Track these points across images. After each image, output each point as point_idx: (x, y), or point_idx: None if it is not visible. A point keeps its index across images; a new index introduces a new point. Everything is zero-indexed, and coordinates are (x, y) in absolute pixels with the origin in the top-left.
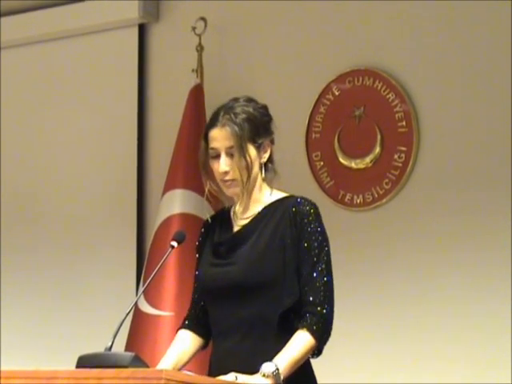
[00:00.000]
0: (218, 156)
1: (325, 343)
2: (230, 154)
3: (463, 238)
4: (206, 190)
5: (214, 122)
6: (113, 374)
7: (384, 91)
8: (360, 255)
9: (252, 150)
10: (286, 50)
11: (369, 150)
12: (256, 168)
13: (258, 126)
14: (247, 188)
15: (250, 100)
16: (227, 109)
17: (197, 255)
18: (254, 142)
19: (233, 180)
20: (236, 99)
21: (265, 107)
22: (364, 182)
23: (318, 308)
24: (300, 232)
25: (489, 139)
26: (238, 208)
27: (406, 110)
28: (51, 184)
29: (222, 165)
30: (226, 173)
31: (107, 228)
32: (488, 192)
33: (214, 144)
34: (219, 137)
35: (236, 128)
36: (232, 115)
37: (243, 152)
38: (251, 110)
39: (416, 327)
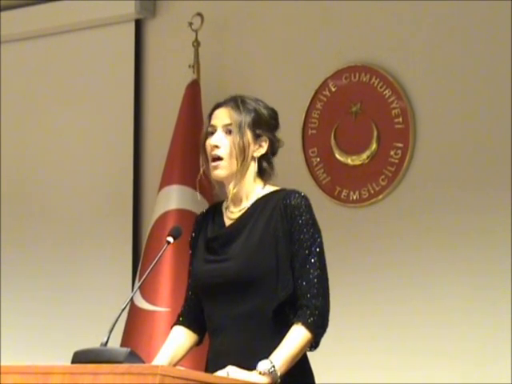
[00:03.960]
0: (214, 133)
1: (321, 336)
2: (226, 131)
3: (460, 235)
4: (201, 170)
5: (220, 104)
6: (108, 369)
7: (381, 88)
8: (356, 251)
9: (249, 136)
10: (283, 46)
11: (365, 147)
12: (250, 156)
13: (260, 120)
14: (239, 172)
15: (262, 101)
16: (237, 96)
17: (190, 251)
18: (252, 130)
19: (221, 159)
20: (248, 96)
21: (275, 112)
22: (360, 179)
23: (313, 301)
24: (291, 225)
25: (486, 135)
26: (229, 200)
27: (402, 107)
28: (48, 179)
29: (214, 138)
30: (216, 146)
31: (103, 223)
32: (485, 188)
33: (213, 121)
34: (220, 114)
35: (239, 108)
36: (240, 101)
37: (240, 131)
38: (261, 107)
39: (412, 324)
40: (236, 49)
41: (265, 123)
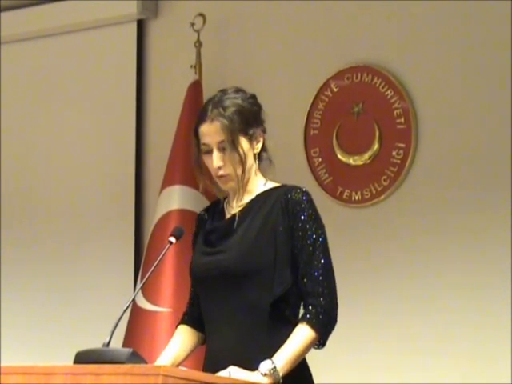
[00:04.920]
0: (209, 151)
1: (328, 334)
2: (222, 149)
3: (462, 235)
4: (201, 187)
5: (203, 117)
6: (111, 369)
7: (382, 88)
8: (358, 252)
9: (244, 143)
10: (285, 47)
11: (367, 147)
12: (250, 160)
13: (248, 117)
14: (242, 181)
15: (238, 91)
16: (215, 103)
17: (192, 248)
18: (245, 133)
19: (227, 175)
20: (224, 91)
21: (253, 97)
22: (362, 179)
23: (319, 299)
24: (293, 220)
25: (488, 135)
26: (231, 199)
27: (404, 107)
28: (50, 180)
29: (215, 160)
30: (219, 167)
31: (105, 224)
32: (487, 188)
33: (205, 139)
34: (210, 132)
35: (226, 122)
36: (221, 109)
37: (235, 146)
38: (240, 101)
39: (414, 324)
40: (238, 49)
41: (252, 117)
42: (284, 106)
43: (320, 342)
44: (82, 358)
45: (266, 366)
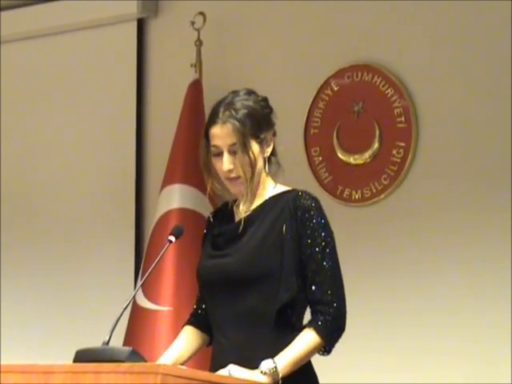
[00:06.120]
0: (220, 154)
1: (334, 341)
2: (232, 152)
3: (462, 234)
4: (209, 188)
5: (214, 119)
6: (110, 368)
7: (383, 87)
8: (358, 251)
9: (255, 146)
10: (285, 45)
11: (367, 146)
12: (260, 164)
13: (259, 121)
14: (251, 185)
15: (249, 93)
16: (227, 104)
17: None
18: (256, 137)
19: (237, 177)
20: (236, 92)
21: (265, 99)
22: (362, 178)
23: (326, 306)
24: (302, 227)
25: (488, 134)
26: (241, 202)
27: (404, 106)
28: (50, 179)
29: (226, 163)
30: (230, 170)
31: (106, 222)
32: (487, 187)
33: (215, 142)
34: (221, 134)
35: (238, 124)
36: (232, 111)
37: (246, 149)
38: (251, 103)
39: (415, 324)
40: (238, 48)
41: (263, 120)
42: (284, 104)
43: (325, 349)
44: (82, 356)
45: (266, 364)
